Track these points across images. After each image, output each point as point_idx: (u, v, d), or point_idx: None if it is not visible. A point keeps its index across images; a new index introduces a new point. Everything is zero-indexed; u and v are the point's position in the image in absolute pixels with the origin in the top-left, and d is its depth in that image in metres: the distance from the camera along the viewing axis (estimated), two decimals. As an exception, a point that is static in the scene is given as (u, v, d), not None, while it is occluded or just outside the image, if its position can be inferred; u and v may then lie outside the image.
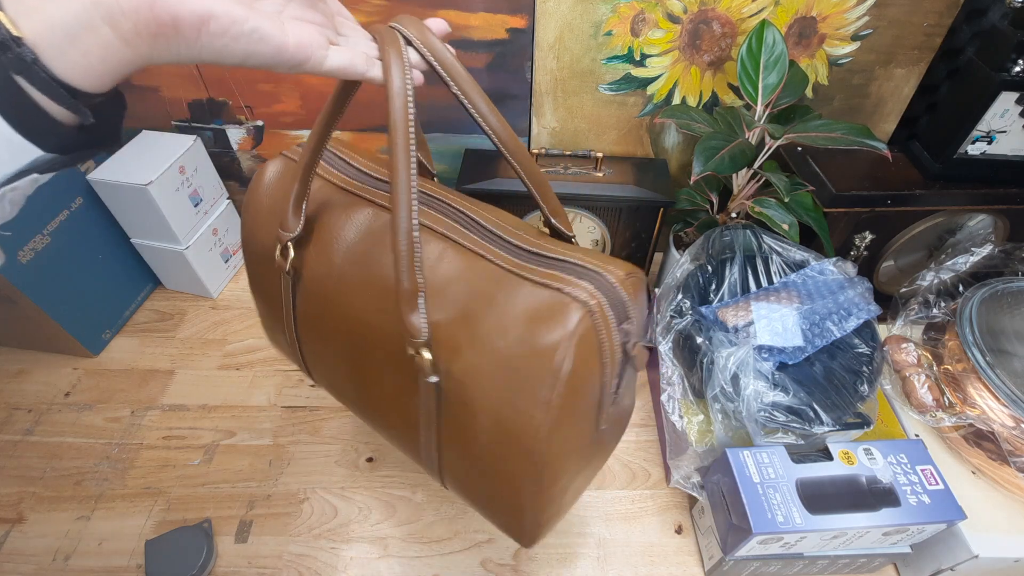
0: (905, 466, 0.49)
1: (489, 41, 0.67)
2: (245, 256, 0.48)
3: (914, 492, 0.48)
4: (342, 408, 0.69)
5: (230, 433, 0.66)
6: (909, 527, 0.47)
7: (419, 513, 0.60)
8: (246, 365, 0.73)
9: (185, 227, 0.74)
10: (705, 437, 0.54)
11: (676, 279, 0.62)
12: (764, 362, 0.54)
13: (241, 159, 0.80)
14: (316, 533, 0.58)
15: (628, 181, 0.70)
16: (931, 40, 0.66)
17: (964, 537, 0.48)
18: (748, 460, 0.49)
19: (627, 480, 0.63)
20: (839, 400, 0.52)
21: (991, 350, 0.53)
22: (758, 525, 0.45)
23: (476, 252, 0.36)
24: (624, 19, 0.64)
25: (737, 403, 0.51)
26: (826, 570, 0.54)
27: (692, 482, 0.56)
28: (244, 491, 0.61)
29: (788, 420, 0.51)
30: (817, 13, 0.64)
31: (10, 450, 0.64)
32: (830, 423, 0.51)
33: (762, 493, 0.47)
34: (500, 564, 0.56)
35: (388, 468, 0.63)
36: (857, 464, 0.49)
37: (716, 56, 0.68)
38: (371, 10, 0.65)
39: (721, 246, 0.63)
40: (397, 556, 0.56)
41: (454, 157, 0.79)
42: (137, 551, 0.56)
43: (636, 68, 0.69)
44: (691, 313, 0.58)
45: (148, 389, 0.70)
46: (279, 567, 0.55)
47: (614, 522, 0.59)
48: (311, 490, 0.61)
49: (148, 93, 0.72)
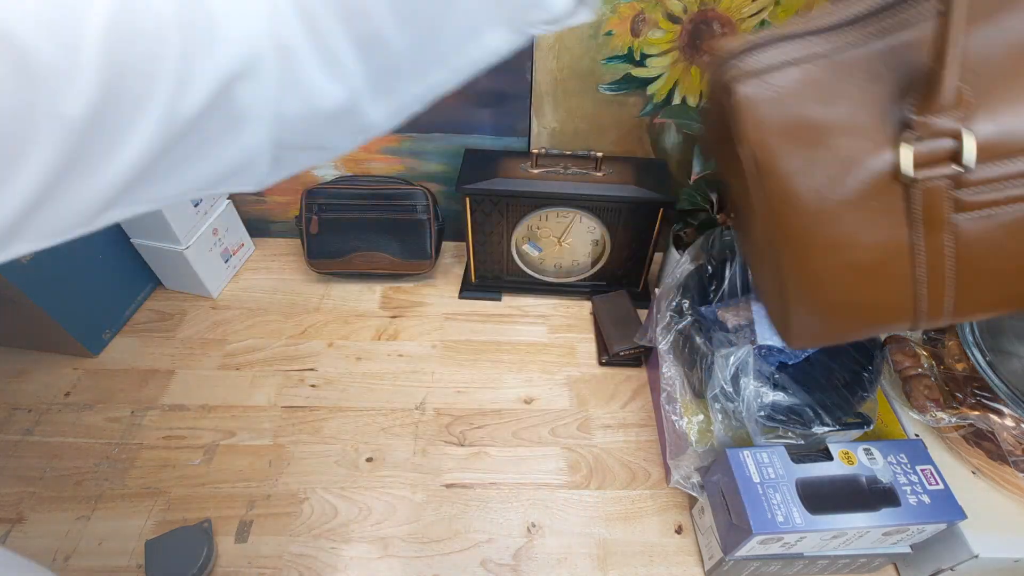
0: (905, 466, 0.49)
1: (489, 41, 0.67)
2: (790, 223, 0.36)
3: (914, 492, 0.48)
4: (342, 408, 0.69)
5: (230, 433, 0.66)
6: (909, 527, 0.47)
7: (419, 513, 0.60)
8: (246, 365, 0.73)
9: (185, 227, 0.74)
10: (705, 437, 0.54)
11: (676, 279, 0.62)
12: (764, 362, 0.54)
13: (241, 159, 0.80)
14: (316, 533, 0.58)
15: (628, 181, 0.70)
16: (931, 40, 0.66)
17: (964, 537, 0.48)
18: (748, 460, 0.49)
19: (627, 480, 0.63)
20: (839, 400, 0.52)
21: (991, 350, 0.53)
22: (758, 525, 0.45)
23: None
24: (624, 19, 0.64)
25: (737, 403, 0.51)
26: (826, 570, 0.54)
27: (692, 482, 0.56)
28: (244, 491, 0.61)
29: (788, 420, 0.51)
30: (817, 13, 0.64)
31: (10, 450, 0.64)
32: (830, 423, 0.51)
33: (762, 493, 0.47)
34: (500, 564, 0.56)
35: (388, 468, 0.63)
36: (857, 464, 0.49)
37: (716, 56, 0.68)
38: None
39: (721, 246, 0.63)
40: (397, 556, 0.56)
41: (454, 157, 0.79)
42: (137, 551, 0.56)
43: (636, 68, 0.69)
44: (691, 313, 0.58)
45: (148, 389, 0.70)
46: (279, 567, 0.55)
47: (614, 522, 0.59)
48: (311, 490, 0.61)
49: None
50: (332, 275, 0.85)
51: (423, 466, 0.63)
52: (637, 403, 0.70)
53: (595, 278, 0.81)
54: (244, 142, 0.24)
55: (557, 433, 0.67)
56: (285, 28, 0.22)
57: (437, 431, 0.67)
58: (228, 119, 0.23)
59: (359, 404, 0.69)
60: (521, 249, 0.79)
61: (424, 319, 0.80)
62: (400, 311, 0.81)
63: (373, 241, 0.81)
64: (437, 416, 0.68)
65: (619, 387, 0.72)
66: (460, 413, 0.69)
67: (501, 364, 0.74)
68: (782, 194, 0.35)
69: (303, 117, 0.24)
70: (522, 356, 0.75)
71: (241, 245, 0.86)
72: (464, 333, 0.78)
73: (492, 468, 0.63)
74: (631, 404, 0.70)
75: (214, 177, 0.25)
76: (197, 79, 0.21)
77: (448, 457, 0.64)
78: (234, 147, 0.24)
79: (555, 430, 0.67)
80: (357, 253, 0.81)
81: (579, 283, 0.82)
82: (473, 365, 0.74)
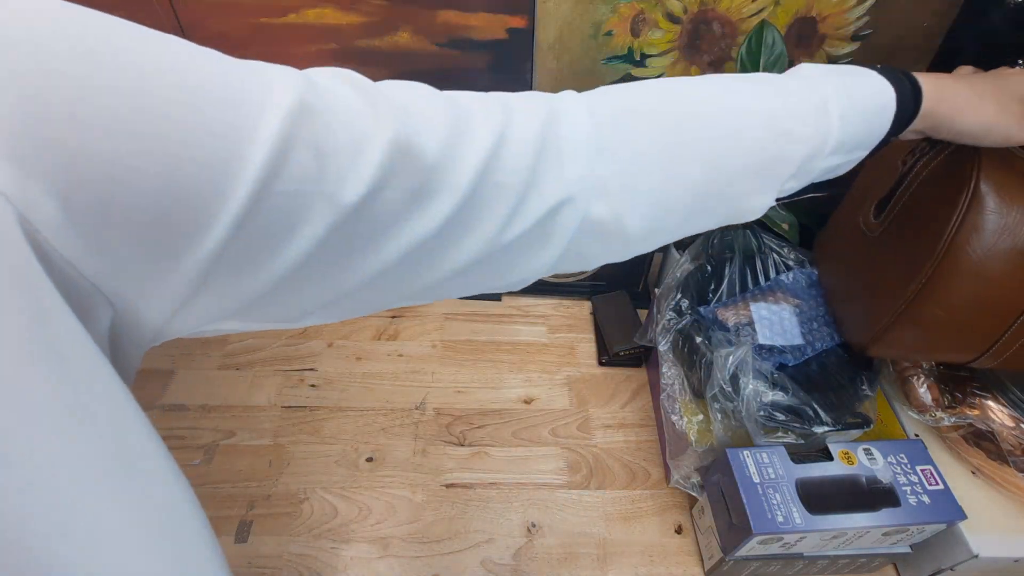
0: (905, 466, 0.49)
1: (489, 41, 0.67)
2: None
3: (914, 492, 0.48)
4: (342, 408, 0.69)
5: (230, 433, 0.66)
6: (909, 527, 0.47)
7: (419, 513, 0.60)
8: (246, 365, 0.73)
9: (185, 227, 0.74)
10: (705, 437, 0.54)
11: (676, 279, 0.62)
12: (764, 362, 0.54)
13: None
14: (316, 533, 0.58)
15: (628, 181, 0.70)
16: (931, 40, 0.66)
17: (964, 537, 0.48)
18: (748, 460, 0.49)
19: (627, 480, 0.63)
20: (839, 400, 0.52)
21: (991, 350, 0.53)
22: (758, 525, 0.45)
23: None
24: (624, 19, 0.64)
25: (737, 403, 0.51)
26: (826, 570, 0.54)
27: (692, 482, 0.56)
28: (244, 491, 0.61)
29: (788, 420, 0.51)
30: (817, 13, 0.64)
31: (10, 450, 0.64)
32: (830, 423, 0.51)
33: (762, 493, 0.47)
34: (500, 564, 0.56)
35: (388, 468, 0.63)
36: (857, 464, 0.49)
37: (716, 56, 0.68)
38: (371, 10, 0.65)
39: (720, 246, 0.63)
40: (397, 556, 0.56)
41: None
42: (137, 551, 0.56)
43: (636, 68, 0.69)
44: (690, 313, 0.58)
45: (148, 389, 0.70)
46: (279, 567, 0.55)
47: (614, 522, 0.59)
48: (311, 490, 0.61)
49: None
50: (332, 275, 0.85)
51: (423, 466, 0.63)
52: (637, 403, 0.70)
53: (595, 278, 0.81)
54: (544, 257, 0.28)
55: (557, 433, 0.67)
56: (599, 180, 0.26)
57: (437, 431, 0.67)
58: (543, 237, 0.27)
59: (359, 404, 0.69)
60: (521, 249, 0.79)
61: (424, 319, 0.80)
62: (400, 311, 0.81)
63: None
64: (437, 416, 0.68)
65: (619, 387, 0.72)
66: (460, 413, 0.69)
67: (501, 364, 0.74)
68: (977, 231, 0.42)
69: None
70: (522, 356, 0.75)
71: (241, 245, 0.86)
72: (464, 333, 0.78)
73: (492, 468, 0.63)
74: (631, 404, 0.70)
75: (502, 284, 0.29)
76: (532, 206, 0.25)
77: (448, 457, 0.64)
78: (536, 261, 0.28)
79: (555, 430, 0.67)
80: (357, 253, 0.81)
81: (579, 283, 0.82)
82: (473, 365, 0.74)
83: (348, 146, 0.21)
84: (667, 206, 0.29)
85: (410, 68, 0.70)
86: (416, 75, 0.70)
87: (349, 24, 0.66)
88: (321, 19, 0.65)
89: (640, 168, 0.27)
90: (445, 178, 0.23)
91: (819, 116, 0.30)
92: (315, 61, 0.69)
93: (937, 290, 0.44)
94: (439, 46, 0.68)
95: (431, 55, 0.68)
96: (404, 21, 0.66)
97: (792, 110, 0.30)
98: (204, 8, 0.64)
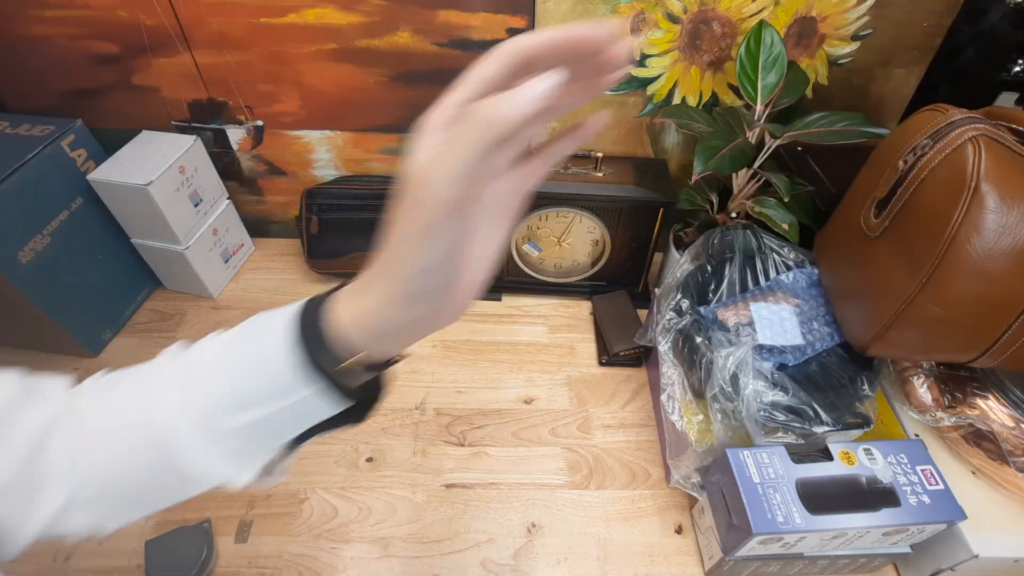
0: (905, 466, 0.49)
1: (489, 41, 0.67)
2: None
3: (914, 492, 0.48)
4: (342, 408, 0.69)
5: (230, 433, 0.66)
6: (909, 527, 0.47)
7: (419, 513, 0.60)
8: (246, 365, 0.73)
9: (185, 227, 0.74)
10: (705, 437, 0.54)
11: (676, 279, 0.63)
12: (764, 362, 0.54)
13: (241, 159, 0.80)
14: (316, 533, 0.58)
15: (628, 181, 0.70)
16: (931, 40, 0.66)
17: (964, 537, 0.48)
18: (748, 460, 0.49)
19: (627, 480, 0.63)
20: (839, 400, 0.52)
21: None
22: (758, 525, 0.45)
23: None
24: (624, 19, 0.64)
25: (737, 403, 0.51)
26: (826, 570, 0.54)
27: (692, 482, 0.56)
28: (244, 491, 0.61)
29: (788, 420, 0.51)
30: (817, 13, 0.64)
31: (10, 450, 0.64)
32: (830, 423, 0.51)
33: (762, 493, 0.47)
34: (500, 564, 0.56)
35: (388, 468, 0.63)
36: (857, 464, 0.49)
37: (716, 56, 0.68)
38: (371, 10, 0.65)
39: (721, 246, 0.63)
40: (397, 556, 0.56)
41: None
42: (137, 551, 0.56)
43: (636, 68, 0.69)
44: (691, 313, 0.58)
45: (148, 389, 0.70)
46: (279, 567, 0.55)
47: (614, 522, 0.59)
48: (311, 490, 0.61)
49: (148, 93, 0.72)
50: (332, 275, 0.85)
51: (423, 466, 0.63)
52: (637, 403, 0.70)
53: (595, 278, 0.81)
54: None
55: (557, 433, 0.67)
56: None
57: (437, 431, 0.67)
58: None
59: (359, 404, 0.69)
60: (521, 249, 0.79)
61: (424, 319, 0.80)
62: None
63: (373, 241, 0.81)
64: (437, 416, 0.68)
65: (619, 387, 0.72)
66: (460, 413, 0.69)
67: (501, 364, 0.74)
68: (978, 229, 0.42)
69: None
70: (522, 356, 0.75)
71: (241, 245, 0.86)
72: (464, 333, 0.78)
73: (492, 468, 0.63)
74: (631, 404, 0.70)
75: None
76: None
77: (448, 457, 0.64)
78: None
79: (555, 430, 0.67)
80: (357, 253, 0.81)
81: (579, 283, 0.82)
82: (473, 365, 0.74)
83: None
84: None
85: (410, 68, 0.70)
86: (416, 75, 0.70)
87: (349, 24, 0.66)
88: (321, 19, 0.65)
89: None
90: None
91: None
92: (315, 61, 0.69)
93: (937, 289, 0.44)
94: (439, 46, 0.68)
95: (431, 55, 0.68)
96: (404, 21, 0.66)
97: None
98: (204, 8, 0.64)
